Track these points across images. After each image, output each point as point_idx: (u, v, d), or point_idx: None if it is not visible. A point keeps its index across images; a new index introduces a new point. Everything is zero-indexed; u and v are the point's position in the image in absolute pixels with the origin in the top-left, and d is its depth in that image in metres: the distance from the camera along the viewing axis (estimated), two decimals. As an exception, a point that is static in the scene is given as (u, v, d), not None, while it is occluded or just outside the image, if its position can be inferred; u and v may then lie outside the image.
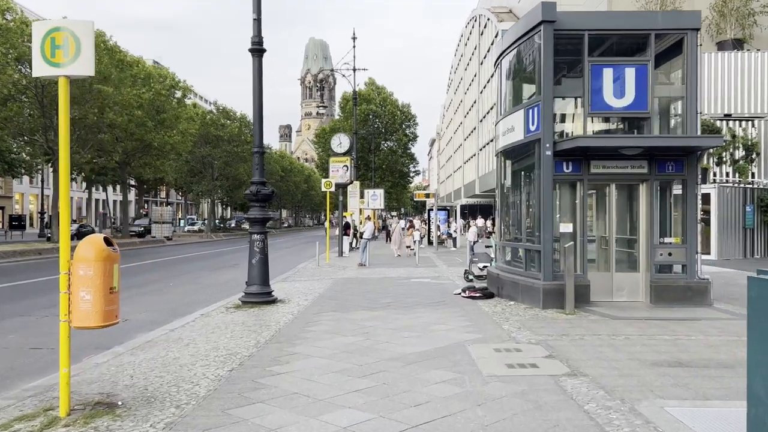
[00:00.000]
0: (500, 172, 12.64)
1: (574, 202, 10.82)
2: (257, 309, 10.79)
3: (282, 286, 14.71)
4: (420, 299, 11.71)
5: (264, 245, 11.44)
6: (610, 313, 9.44)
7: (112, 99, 28.44)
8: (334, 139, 26.27)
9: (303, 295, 12.83)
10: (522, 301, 10.57)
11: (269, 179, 70.77)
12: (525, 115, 10.77)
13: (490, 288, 12.10)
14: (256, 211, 11.40)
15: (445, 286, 14.24)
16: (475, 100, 52.55)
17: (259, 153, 11.42)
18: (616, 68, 10.38)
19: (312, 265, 21.15)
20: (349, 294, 12.82)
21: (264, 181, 11.49)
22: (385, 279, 16.25)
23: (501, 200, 12.61)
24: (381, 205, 38.67)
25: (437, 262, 22.40)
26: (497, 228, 13.24)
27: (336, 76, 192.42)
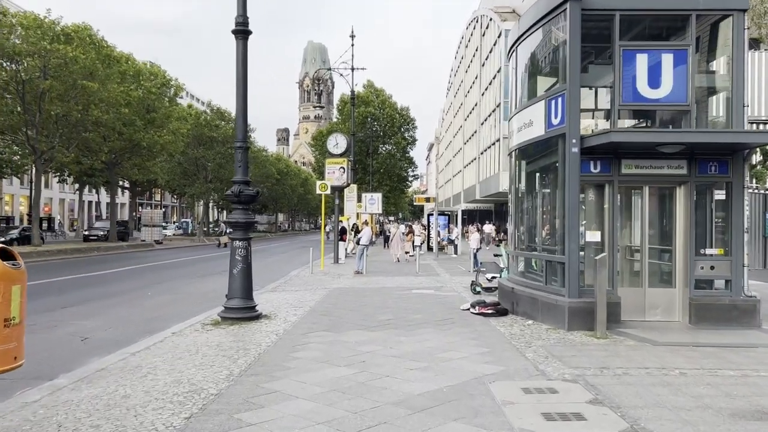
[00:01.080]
0: (514, 173, 11.28)
1: (602, 206, 9.46)
2: (237, 326, 9.40)
3: (270, 297, 13.31)
4: (424, 316, 10.32)
5: (247, 253, 10.06)
6: (648, 336, 8.07)
7: (97, 95, 27.05)
8: (330, 139, 24.90)
9: (292, 308, 11.44)
10: (542, 321, 9.19)
11: (264, 182, 69.57)
12: (546, 107, 9.42)
13: (503, 303, 10.73)
14: (239, 214, 10.02)
15: (450, 299, 12.86)
16: (476, 102, 51.31)
17: (242, 148, 10.05)
18: (652, 54, 9.05)
19: (305, 273, 19.76)
20: (343, 308, 11.43)
21: (248, 180, 10.12)
22: (383, 290, 14.86)
23: (515, 205, 11.25)
24: (379, 210, 37.33)
25: (439, 271, 21.02)
26: (510, 235, 11.88)
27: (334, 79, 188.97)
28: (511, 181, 11.70)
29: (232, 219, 10.03)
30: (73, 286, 16.40)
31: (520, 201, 11.06)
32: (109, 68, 28.45)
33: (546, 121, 9.43)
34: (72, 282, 17.38)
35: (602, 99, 10.48)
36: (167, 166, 47.42)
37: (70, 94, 26.42)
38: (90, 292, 15.06)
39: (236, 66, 10.01)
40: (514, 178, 11.31)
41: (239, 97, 10.02)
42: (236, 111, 10.12)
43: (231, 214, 10.19)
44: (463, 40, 62.25)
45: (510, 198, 11.85)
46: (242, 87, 10.01)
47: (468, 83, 57.68)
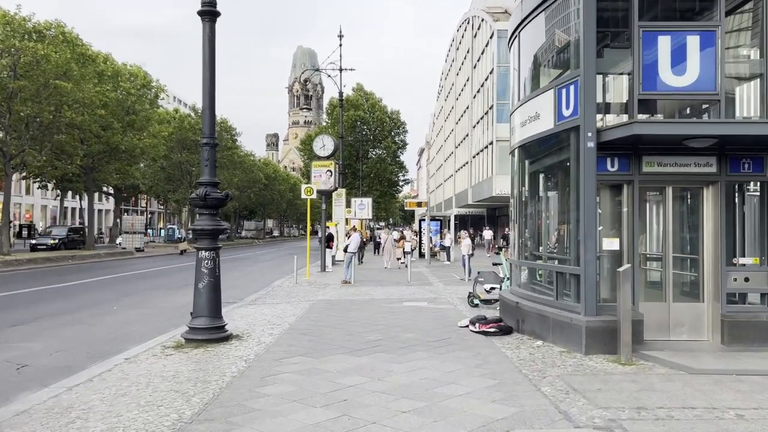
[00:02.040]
0: (517, 174, 10.10)
1: (620, 210, 8.31)
2: (202, 350, 8.13)
3: (246, 312, 12.03)
4: (418, 335, 9.09)
5: (215, 265, 8.79)
6: (680, 361, 6.89)
7: (71, 96, 25.64)
8: (317, 140, 23.68)
9: (269, 326, 10.17)
10: (554, 342, 7.99)
11: (252, 187, 68.21)
12: (556, 97, 8.26)
13: (506, 319, 9.53)
14: (205, 221, 8.76)
15: (445, 313, 11.64)
16: (467, 105, 50.30)
17: (210, 145, 8.80)
18: (675, 36, 7.91)
19: (289, 283, 18.48)
20: (326, 325, 10.18)
21: (216, 181, 8.87)
22: (372, 302, 13.62)
23: (518, 209, 10.06)
24: (369, 215, 36.12)
25: (431, 279, 19.82)
26: (513, 243, 10.70)
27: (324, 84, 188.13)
28: (513, 183, 10.52)
29: (197, 226, 8.76)
30: (31, 299, 15.01)
31: (524, 205, 9.88)
32: (84, 67, 27.05)
33: (556, 113, 8.27)
34: (32, 295, 15.99)
35: (615, 90, 9.35)
36: (150, 170, 45.92)
37: (41, 95, 25.01)
38: (49, 306, 13.70)
39: (203, 51, 8.78)
40: (517, 179, 10.12)
41: (206, 86, 8.78)
42: (203, 102, 8.87)
43: (196, 221, 8.94)
44: (454, 43, 61.32)
45: (512, 201, 10.68)
46: (209, 75, 8.77)
47: (459, 86, 56.69)
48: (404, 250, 28.89)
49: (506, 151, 34.63)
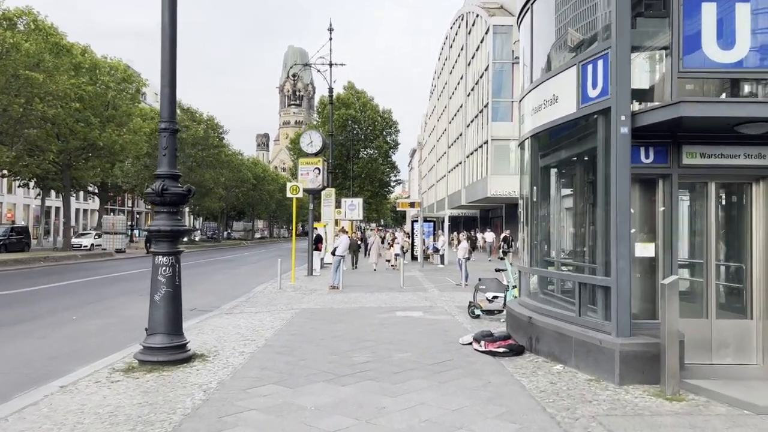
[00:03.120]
0: (528, 168, 8.79)
1: (653, 209, 7.03)
2: (156, 375, 6.76)
3: (219, 323, 10.66)
4: (414, 355, 7.76)
5: (174, 273, 7.42)
6: (738, 396, 5.60)
7: (43, 88, 24.09)
8: (304, 136, 22.31)
9: (242, 342, 8.80)
10: (577, 366, 6.68)
11: (240, 187, 66.54)
12: (580, 75, 6.96)
13: (515, 335, 8.23)
14: (163, 220, 7.40)
15: (443, 325, 10.33)
16: (461, 104, 49.08)
17: (170, 131, 7.44)
18: (722, 2, 6.66)
19: (273, 288, 17.11)
20: (308, 341, 8.83)
21: (175, 173, 7.50)
22: (362, 311, 12.28)
23: (528, 209, 8.75)
24: (359, 216, 34.81)
25: (426, 285, 18.51)
26: (522, 247, 9.41)
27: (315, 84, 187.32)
28: (523, 180, 9.23)
29: (153, 226, 7.39)
30: (-15, 307, 13.55)
31: (536, 204, 8.57)
32: (58, 58, 25.50)
33: (579, 94, 6.97)
34: (-12, 301, 14.51)
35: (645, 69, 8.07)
36: (133, 169, 44.29)
37: (11, 86, 23.44)
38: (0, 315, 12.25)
39: (161, 17, 7.41)
40: (528, 174, 8.81)
41: (165, 59, 7.42)
42: (161, 79, 7.49)
43: (153, 220, 7.57)
44: (447, 40, 60.13)
45: (521, 202, 9.39)
46: (170, 46, 7.41)
47: (453, 84, 55.48)
48: (395, 252, 27.67)
49: (502, 151, 33.39)
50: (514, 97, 36.53)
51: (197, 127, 47.34)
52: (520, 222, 9.42)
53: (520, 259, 9.53)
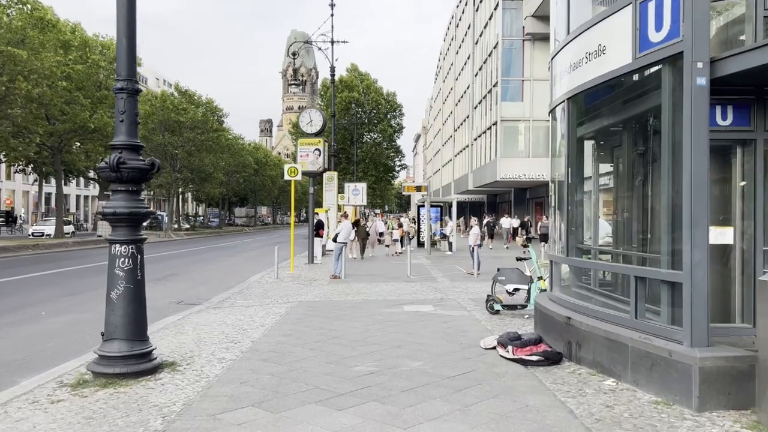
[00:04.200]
0: (564, 140, 7.34)
1: (729, 185, 5.63)
2: (110, 392, 5.45)
3: (203, 320, 9.34)
4: (428, 364, 6.42)
5: (135, 265, 6.07)
6: None
7: (27, 66, 22.67)
8: (303, 115, 20.87)
9: (224, 344, 7.48)
10: (635, 382, 5.31)
11: (242, 172, 65.04)
12: (637, 15, 5.52)
13: (547, 337, 6.88)
14: (119, 200, 6.04)
15: (459, 323, 8.98)
16: (468, 85, 47.41)
17: (128, 91, 6.04)
18: None
19: (270, 278, 15.82)
20: (302, 343, 7.50)
21: (136, 144, 6.12)
22: (365, 305, 10.96)
23: (563, 189, 7.32)
24: (363, 201, 33.43)
25: (434, 273, 17.17)
26: (552, 233, 8.03)
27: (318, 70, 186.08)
28: (555, 154, 7.82)
29: (107, 208, 6.02)
30: (-50, 300, 12.29)
31: (573, 182, 7.14)
32: (43, 34, 24.02)
33: (637, 40, 5.53)
34: (-44, 294, 13.26)
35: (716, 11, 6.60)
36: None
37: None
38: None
39: (115, -47, 5.99)
40: (564, 147, 7.38)
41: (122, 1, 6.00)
42: (117, 27, 6.07)
43: (108, 201, 6.20)
44: (454, 20, 58.26)
45: (552, 179, 7.98)
46: (125, -12, 5.99)
47: (459, 65, 53.74)
48: (394, 237, 26.37)
49: (511, 132, 31.80)
50: (525, 75, 34.94)
51: (196, 110, 45.83)
52: (551, 206, 8.04)
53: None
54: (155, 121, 42.68)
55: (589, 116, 7.23)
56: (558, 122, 7.71)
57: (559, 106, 7.38)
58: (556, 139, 7.90)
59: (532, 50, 34.50)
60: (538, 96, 34.31)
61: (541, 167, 33.93)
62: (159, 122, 42.84)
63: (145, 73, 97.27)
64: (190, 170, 47.22)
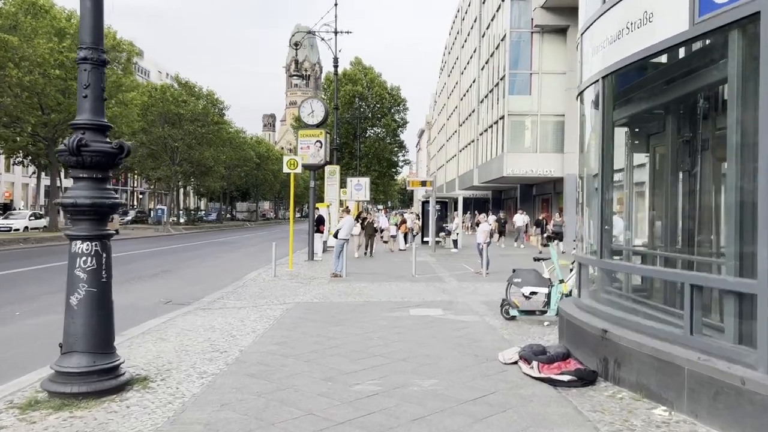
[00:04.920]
0: (598, 126, 6.41)
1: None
2: (65, 417, 4.59)
3: (189, 324, 8.47)
4: (440, 383, 5.53)
5: (100, 265, 5.20)
6: None
7: (19, 53, 21.80)
8: (304, 105, 19.96)
9: (208, 355, 6.61)
10: (694, 413, 4.41)
11: (243, 166, 64.11)
12: (698, -27, 4.60)
13: (575, 351, 5.99)
14: (81, 190, 5.15)
15: (473, 331, 8.10)
16: (474, 79, 46.39)
17: (92, 62, 5.15)
18: None
19: (267, 275, 14.96)
20: (296, 354, 6.62)
21: (102, 123, 5.24)
22: (368, 308, 10.09)
23: (599, 180, 6.38)
24: (366, 197, 32.61)
25: (440, 272, 16.29)
26: (579, 232, 7.13)
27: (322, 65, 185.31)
28: (585, 142, 6.91)
29: (67, 198, 5.14)
30: None
31: (607, 173, 6.21)
32: (36, 20, 23.14)
33: (696, 3, 4.61)
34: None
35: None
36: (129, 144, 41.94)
37: (-19, 50, 21.19)
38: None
39: None
40: (596, 134, 6.46)
41: (82, -42, 5.12)
42: (78, -12, 5.20)
43: (69, 189, 5.32)
44: (459, 13, 57.20)
45: (581, 174, 7.07)
46: (89, -60, 5.10)
47: (465, 59, 52.71)
48: (405, 235, 25.60)
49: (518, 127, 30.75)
50: (533, 68, 33.94)
51: (196, 102, 44.93)
52: (579, 203, 7.14)
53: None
54: (155, 113, 41.85)
55: (623, 99, 6.33)
56: (587, 106, 6.81)
57: (590, 87, 6.48)
58: (585, 126, 7.00)
59: (541, 43, 33.49)
60: (547, 89, 33.33)
61: (549, 163, 32.96)
62: (159, 114, 41.99)
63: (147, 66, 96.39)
64: (190, 163, 46.35)
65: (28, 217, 34.25)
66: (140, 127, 38.90)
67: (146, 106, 40.29)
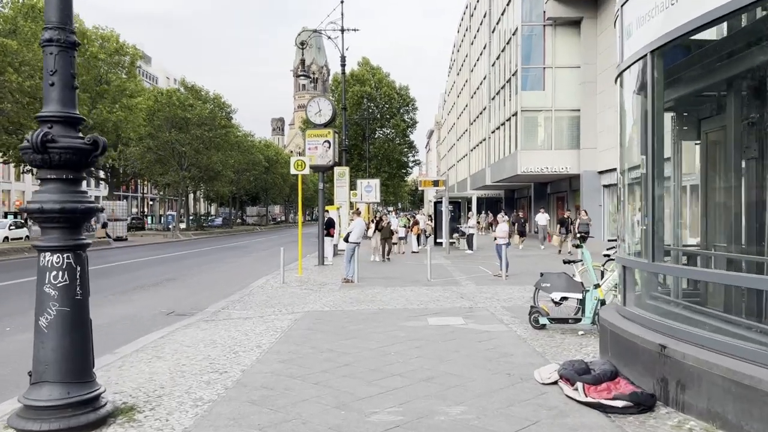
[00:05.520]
0: (649, 104, 5.55)
1: None
2: (28, 464, 3.85)
3: (188, 338, 7.74)
4: (470, 411, 4.75)
5: (74, 280, 4.46)
6: None
7: (18, 57, 21.28)
8: (311, 104, 19.24)
9: (205, 376, 5.87)
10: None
11: (252, 170, 63.60)
12: None
13: (625, 368, 5.18)
14: (50, 194, 4.43)
15: (500, 342, 7.30)
16: (484, 76, 45.52)
17: (58, 44, 4.43)
18: None
19: (275, 282, 14.25)
20: (304, 374, 5.87)
21: (72, 116, 4.51)
22: (383, 317, 9.32)
23: (648, 171, 5.52)
24: (377, 198, 31.92)
25: (457, 275, 15.50)
26: (621, 231, 6.31)
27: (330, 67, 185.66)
28: (623, 132, 6.10)
29: (33, 203, 4.42)
30: None
31: (657, 166, 5.38)
32: (35, 23, 22.63)
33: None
34: None
35: None
36: (137, 151, 41.61)
37: (-20, 55, 20.69)
38: None
39: None
40: (643, 121, 5.64)
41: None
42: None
43: (35, 193, 4.60)
44: (468, 9, 56.34)
45: (621, 167, 6.26)
46: None
47: (474, 56, 51.84)
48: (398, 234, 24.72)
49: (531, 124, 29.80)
50: (546, 63, 33.04)
51: (203, 105, 44.41)
52: (620, 200, 6.33)
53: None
54: (161, 117, 41.38)
55: (671, 78, 5.51)
56: (628, 89, 6.00)
57: (634, 65, 5.66)
58: (625, 113, 6.19)
59: (554, 36, 32.60)
60: (561, 84, 32.43)
61: (565, 160, 32.06)
62: (165, 119, 41.51)
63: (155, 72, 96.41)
64: (198, 168, 45.84)
65: (8, 227, 30.68)
66: (147, 132, 38.36)
67: (152, 110, 39.83)
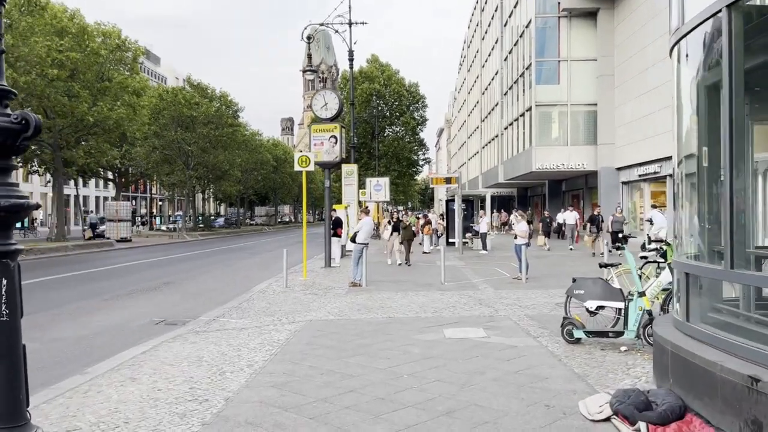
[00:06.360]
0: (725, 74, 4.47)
1: None
2: None
3: (171, 354, 6.78)
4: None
5: (5, 294, 3.48)
6: None
7: (14, 52, 20.48)
8: (317, 98, 18.25)
9: (179, 410, 4.90)
10: None
11: (260, 169, 62.80)
12: None
13: (695, 401, 4.14)
14: (-35, 187, 3.46)
15: (530, 362, 6.27)
16: (496, 71, 44.39)
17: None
18: None
19: (278, 286, 13.30)
20: (299, 406, 4.88)
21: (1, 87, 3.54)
22: (393, 327, 8.32)
23: (726, 160, 4.42)
24: (386, 197, 30.99)
25: (473, 278, 14.46)
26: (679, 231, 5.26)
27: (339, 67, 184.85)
28: (681, 116, 5.06)
29: (-55, 199, 3.45)
30: None
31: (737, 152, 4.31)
32: (33, 17, 21.83)
33: None
34: None
35: None
36: (142, 150, 40.87)
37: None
38: None
39: None
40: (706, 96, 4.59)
41: None
42: None
43: (-50, 187, 3.62)
44: (479, 4, 55.18)
45: (679, 157, 5.21)
46: None
47: (486, 51, 50.69)
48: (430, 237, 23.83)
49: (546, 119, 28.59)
50: (561, 56, 31.89)
51: (209, 104, 43.60)
52: (680, 196, 5.28)
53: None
54: (167, 116, 40.62)
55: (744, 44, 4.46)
56: (688, 62, 4.95)
57: (698, 28, 4.61)
58: (682, 92, 5.15)
59: (569, 28, 31.45)
60: (577, 78, 31.27)
61: (581, 156, 30.92)
62: (171, 117, 40.75)
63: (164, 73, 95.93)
64: (204, 167, 45.04)
65: None
66: (152, 131, 37.52)
67: (158, 109, 39.02)
